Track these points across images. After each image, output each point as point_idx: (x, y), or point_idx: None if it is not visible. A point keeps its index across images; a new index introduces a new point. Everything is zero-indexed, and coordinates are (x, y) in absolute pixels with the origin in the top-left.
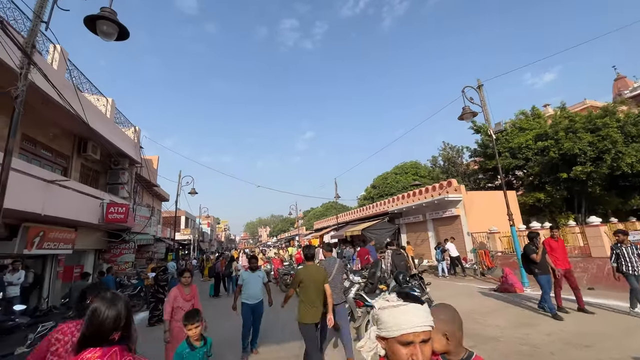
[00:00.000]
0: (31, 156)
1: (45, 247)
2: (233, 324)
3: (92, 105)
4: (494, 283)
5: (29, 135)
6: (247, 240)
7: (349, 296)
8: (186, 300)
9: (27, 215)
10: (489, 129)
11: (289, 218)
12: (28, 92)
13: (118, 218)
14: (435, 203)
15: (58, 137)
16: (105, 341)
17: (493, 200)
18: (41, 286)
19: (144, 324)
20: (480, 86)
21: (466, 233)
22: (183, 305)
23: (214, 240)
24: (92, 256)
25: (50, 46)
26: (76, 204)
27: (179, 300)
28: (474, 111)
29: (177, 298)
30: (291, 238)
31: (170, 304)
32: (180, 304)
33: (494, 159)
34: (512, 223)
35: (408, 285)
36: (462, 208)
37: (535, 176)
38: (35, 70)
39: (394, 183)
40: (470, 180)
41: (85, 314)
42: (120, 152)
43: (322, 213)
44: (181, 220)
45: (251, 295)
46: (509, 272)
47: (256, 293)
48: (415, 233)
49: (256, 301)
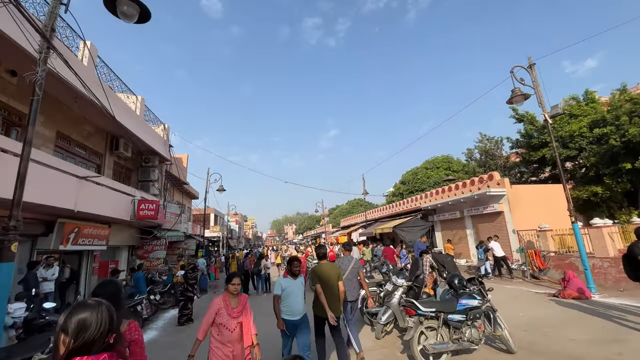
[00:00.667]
0: (66, 154)
1: (80, 243)
2: (266, 330)
3: (122, 102)
4: (549, 287)
5: (63, 133)
6: (274, 238)
7: (392, 301)
8: (232, 317)
9: (61, 211)
10: (544, 113)
11: (314, 215)
12: (60, 89)
13: (149, 214)
14: (475, 198)
15: (91, 135)
16: (92, 350)
17: (542, 194)
18: (78, 282)
19: (174, 323)
20: (532, 65)
21: (511, 231)
22: (228, 323)
23: (242, 238)
24: (126, 252)
25: (80, 43)
26: (108, 200)
27: (222, 314)
28: (526, 93)
29: (220, 312)
30: (317, 235)
31: (210, 318)
32: (225, 320)
33: (539, 150)
34: (574, 219)
35: (466, 291)
36: (506, 203)
37: (590, 167)
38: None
39: (424, 178)
40: (511, 174)
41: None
42: (150, 149)
43: (348, 210)
44: (210, 218)
45: (293, 309)
46: (572, 275)
47: (299, 306)
48: (451, 231)
49: (299, 316)
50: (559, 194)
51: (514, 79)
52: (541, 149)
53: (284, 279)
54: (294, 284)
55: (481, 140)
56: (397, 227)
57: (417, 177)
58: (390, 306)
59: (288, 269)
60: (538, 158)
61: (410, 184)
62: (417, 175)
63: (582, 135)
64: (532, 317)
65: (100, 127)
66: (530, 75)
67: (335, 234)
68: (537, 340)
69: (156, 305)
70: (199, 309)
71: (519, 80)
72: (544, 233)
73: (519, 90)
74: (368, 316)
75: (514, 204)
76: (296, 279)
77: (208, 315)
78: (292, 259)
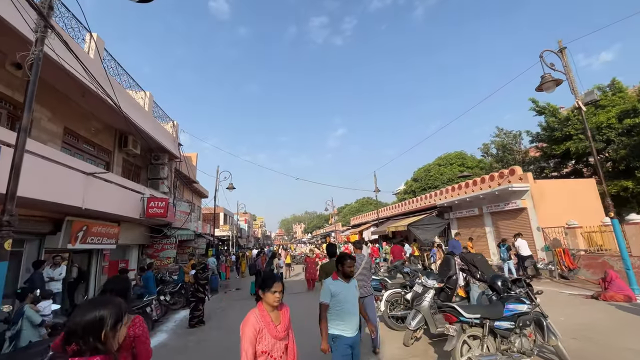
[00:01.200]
0: (74, 150)
1: (89, 242)
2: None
3: (130, 97)
4: (582, 287)
5: (71, 129)
6: (282, 237)
7: (422, 304)
8: (279, 339)
9: (69, 208)
10: (577, 100)
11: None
12: (66, 82)
13: (158, 212)
14: (496, 194)
15: (100, 132)
16: (86, 349)
17: (567, 190)
18: (87, 281)
19: (184, 325)
20: (563, 49)
21: (535, 228)
22: (275, 349)
23: (251, 237)
24: (136, 251)
25: (86, 35)
26: (117, 198)
27: (265, 338)
28: (558, 79)
29: (262, 333)
30: (327, 234)
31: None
32: (270, 346)
33: (562, 144)
34: (612, 215)
35: (512, 294)
36: (529, 199)
37: (619, 161)
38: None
39: (437, 175)
40: (530, 169)
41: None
42: (159, 146)
43: (357, 209)
44: (220, 217)
45: (348, 322)
46: (615, 275)
47: (355, 318)
48: (469, 229)
49: (356, 332)
50: (586, 189)
51: (544, 64)
52: (564, 142)
53: (334, 282)
54: (347, 288)
55: (498, 134)
56: (412, 225)
57: (429, 173)
58: (420, 310)
59: (339, 269)
60: (561, 152)
61: (423, 181)
62: (429, 172)
63: (611, 126)
64: (575, 322)
65: (108, 124)
66: (560, 60)
67: (346, 233)
68: (587, 348)
69: (166, 306)
70: (210, 311)
71: (549, 65)
72: (572, 230)
73: (549, 75)
74: (393, 320)
75: (538, 200)
76: (349, 282)
77: (247, 344)
78: (344, 257)
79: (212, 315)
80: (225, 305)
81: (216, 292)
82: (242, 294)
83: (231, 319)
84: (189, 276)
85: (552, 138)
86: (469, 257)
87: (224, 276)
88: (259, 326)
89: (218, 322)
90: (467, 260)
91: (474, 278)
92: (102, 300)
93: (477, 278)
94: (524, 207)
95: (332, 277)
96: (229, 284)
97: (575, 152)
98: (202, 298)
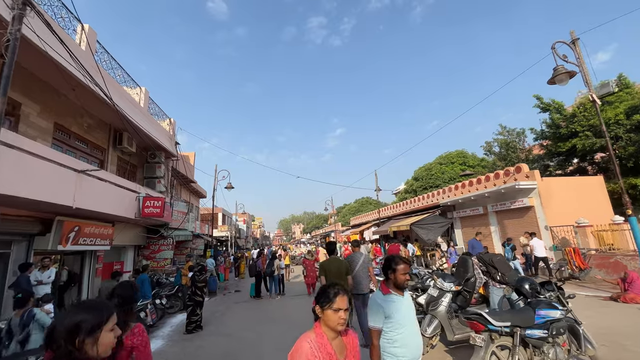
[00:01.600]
0: (66, 147)
1: (81, 243)
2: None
3: (124, 92)
4: (597, 289)
5: (62, 125)
6: (281, 237)
7: (438, 309)
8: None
9: (59, 208)
10: (591, 93)
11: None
12: (56, 75)
13: (154, 212)
14: (502, 192)
15: (93, 128)
16: (59, 355)
17: (576, 187)
18: (80, 284)
19: (181, 330)
20: (576, 40)
21: (543, 227)
22: None
23: (250, 237)
24: (131, 252)
25: (77, 26)
26: (111, 197)
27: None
28: (571, 70)
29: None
30: (327, 234)
31: None
32: None
33: (567, 141)
34: (630, 212)
35: (542, 299)
36: (536, 197)
37: (628, 158)
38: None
39: (439, 174)
40: (534, 167)
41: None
42: (155, 143)
43: (356, 209)
44: (218, 217)
45: (411, 348)
46: (636, 276)
47: (417, 340)
48: (473, 228)
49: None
50: (593, 187)
51: (556, 55)
52: (570, 139)
53: (386, 298)
54: (403, 303)
55: (501, 132)
56: (415, 224)
57: (431, 172)
58: (436, 315)
59: (389, 278)
60: (566, 149)
61: (424, 180)
62: (431, 171)
63: (619, 122)
64: (599, 327)
65: (102, 120)
66: (573, 52)
67: (346, 233)
68: (620, 357)
69: (162, 310)
70: (208, 314)
71: (562, 57)
72: (582, 229)
73: (562, 67)
74: None
75: (545, 198)
76: (404, 295)
77: None
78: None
79: (211, 320)
80: (224, 308)
81: (215, 294)
82: (242, 296)
83: (230, 323)
84: (187, 278)
85: (557, 135)
86: (487, 258)
87: (222, 277)
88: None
89: (217, 327)
90: (486, 260)
91: (494, 280)
92: (86, 304)
93: (497, 280)
94: (530, 205)
95: (382, 291)
96: (228, 285)
97: (581, 149)
98: (199, 302)
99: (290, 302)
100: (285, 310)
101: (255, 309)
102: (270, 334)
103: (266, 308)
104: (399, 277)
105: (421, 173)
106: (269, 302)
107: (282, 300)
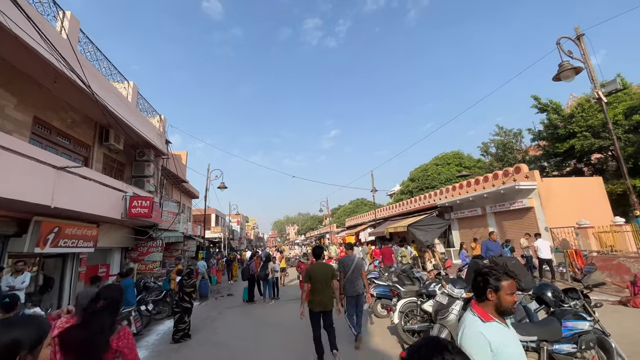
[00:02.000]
0: (46, 143)
1: (61, 245)
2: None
3: (111, 85)
4: (601, 292)
5: (42, 119)
6: (275, 239)
7: (448, 318)
8: None
9: (36, 207)
10: (597, 90)
11: (316, 216)
12: (32, 63)
13: (142, 212)
14: (501, 193)
15: (77, 124)
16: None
17: (576, 188)
18: (61, 289)
19: (168, 339)
20: (581, 36)
21: (544, 228)
22: None
23: (244, 239)
24: (118, 255)
25: (59, 13)
26: (95, 196)
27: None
28: (577, 67)
29: None
30: (322, 236)
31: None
32: None
33: (565, 142)
34: (638, 213)
35: (567, 308)
36: (536, 198)
37: (627, 159)
38: None
39: (435, 175)
40: (531, 167)
41: None
42: (144, 140)
43: (352, 210)
44: (211, 218)
45: None
46: None
47: None
48: (470, 229)
49: None
50: (593, 187)
51: (561, 51)
52: (568, 139)
53: (489, 327)
54: (509, 335)
55: (498, 132)
56: (412, 225)
57: (427, 173)
58: (446, 325)
59: (487, 298)
60: (564, 150)
61: (420, 180)
62: (427, 172)
63: (617, 123)
64: (616, 334)
65: (87, 116)
66: (578, 48)
67: (342, 234)
68: None
69: (148, 316)
70: (198, 321)
71: (567, 53)
72: (584, 230)
73: (568, 63)
74: (409, 334)
75: (545, 199)
76: (508, 325)
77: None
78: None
79: (200, 327)
80: (216, 314)
81: (206, 298)
82: (235, 301)
83: (221, 331)
84: (175, 282)
85: (554, 136)
86: (501, 261)
87: (214, 280)
88: None
89: (206, 335)
90: (500, 265)
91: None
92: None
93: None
94: (530, 206)
95: (482, 318)
96: (220, 289)
97: (579, 150)
98: (187, 308)
99: (284, 307)
100: (280, 316)
101: (248, 314)
102: (264, 342)
103: (259, 313)
104: (503, 298)
105: (417, 174)
106: (262, 306)
107: (276, 304)
